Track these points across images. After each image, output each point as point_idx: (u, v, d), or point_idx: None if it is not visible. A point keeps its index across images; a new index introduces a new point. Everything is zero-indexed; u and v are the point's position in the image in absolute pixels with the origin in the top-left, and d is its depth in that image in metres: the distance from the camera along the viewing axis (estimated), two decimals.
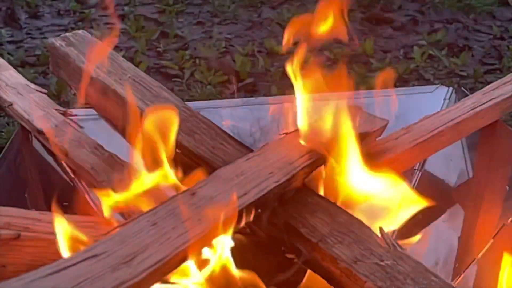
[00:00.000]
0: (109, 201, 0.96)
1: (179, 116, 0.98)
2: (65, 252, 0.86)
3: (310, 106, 1.05)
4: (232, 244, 0.91)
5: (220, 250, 0.90)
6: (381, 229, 0.92)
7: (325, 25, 1.05)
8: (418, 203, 1.02)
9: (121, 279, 0.73)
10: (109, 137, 1.20)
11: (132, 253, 0.77)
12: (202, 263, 0.91)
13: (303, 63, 1.05)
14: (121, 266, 0.75)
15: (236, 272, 0.91)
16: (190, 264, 0.89)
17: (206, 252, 0.90)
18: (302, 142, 1.02)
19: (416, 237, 1.03)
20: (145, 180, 0.97)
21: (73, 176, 1.29)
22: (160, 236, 0.80)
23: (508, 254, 1.14)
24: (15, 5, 3.06)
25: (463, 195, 1.36)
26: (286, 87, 1.11)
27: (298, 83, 1.05)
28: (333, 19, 1.05)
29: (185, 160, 1.03)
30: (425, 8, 3.09)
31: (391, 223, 1.02)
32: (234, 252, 0.92)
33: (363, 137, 1.04)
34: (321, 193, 1.01)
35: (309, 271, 0.96)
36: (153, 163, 0.97)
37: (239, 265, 0.92)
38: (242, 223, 0.89)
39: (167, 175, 0.97)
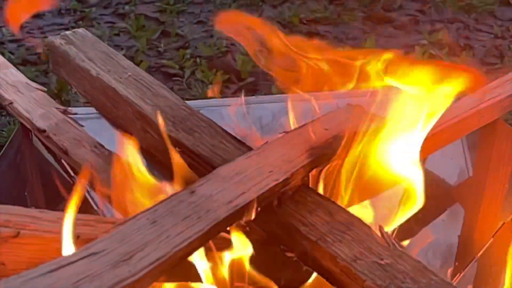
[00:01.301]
0: None
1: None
2: None
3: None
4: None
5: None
6: (380, 228, 0.91)
7: None
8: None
9: (120, 277, 0.73)
10: (110, 136, 1.20)
11: (131, 251, 0.77)
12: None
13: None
14: (121, 264, 0.75)
15: (247, 269, 0.92)
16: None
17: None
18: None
19: (416, 236, 1.03)
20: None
21: (73, 174, 1.29)
22: (159, 234, 0.80)
23: None
24: None
25: (463, 193, 1.36)
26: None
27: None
28: None
29: (184, 158, 1.03)
30: (426, 7, 3.09)
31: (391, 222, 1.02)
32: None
33: None
34: (321, 191, 1.01)
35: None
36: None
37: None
38: (242, 222, 0.89)
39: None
